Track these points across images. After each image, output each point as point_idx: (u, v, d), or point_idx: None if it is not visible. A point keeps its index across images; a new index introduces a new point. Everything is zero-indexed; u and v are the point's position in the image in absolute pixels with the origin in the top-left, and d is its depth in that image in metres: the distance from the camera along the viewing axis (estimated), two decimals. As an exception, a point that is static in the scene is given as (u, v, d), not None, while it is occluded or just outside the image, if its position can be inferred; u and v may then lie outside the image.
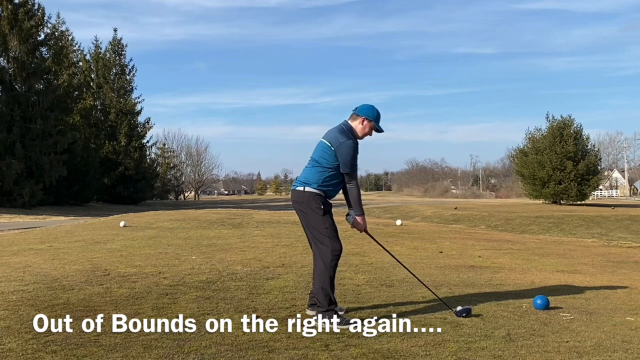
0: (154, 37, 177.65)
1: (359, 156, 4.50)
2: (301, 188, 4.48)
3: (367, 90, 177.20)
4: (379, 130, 4.60)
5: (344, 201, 4.61)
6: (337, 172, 4.44)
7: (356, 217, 4.53)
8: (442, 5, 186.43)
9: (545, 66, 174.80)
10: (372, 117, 4.53)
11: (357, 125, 4.52)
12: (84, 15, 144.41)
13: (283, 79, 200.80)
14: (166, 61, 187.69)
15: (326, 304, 4.28)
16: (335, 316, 4.23)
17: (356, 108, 4.60)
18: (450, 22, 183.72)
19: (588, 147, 47.45)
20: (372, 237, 4.91)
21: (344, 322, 4.19)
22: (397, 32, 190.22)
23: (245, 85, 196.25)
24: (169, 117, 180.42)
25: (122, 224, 13.90)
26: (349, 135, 4.45)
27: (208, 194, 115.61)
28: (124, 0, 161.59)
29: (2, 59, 35.34)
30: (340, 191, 4.64)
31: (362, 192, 4.75)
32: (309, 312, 4.54)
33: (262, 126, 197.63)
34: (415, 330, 4.06)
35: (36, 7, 36.70)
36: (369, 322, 4.26)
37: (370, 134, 4.58)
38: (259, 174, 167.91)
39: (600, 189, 78.56)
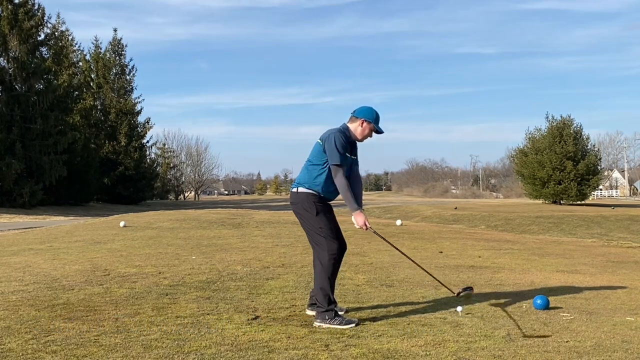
0: (156, 37, 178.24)
1: (359, 156, 4.51)
2: (295, 189, 4.50)
3: (368, 90, 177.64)
4: (379, 131, 4.58)
5: (344, 201, 4.54)
6: (328, 168, 4.39)
7: (352, 214, 4.44)
8: (445, 5, 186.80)
9: (546, 66, 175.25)
10: (371, 119, 4.51)
11: (357, 127, 4.50)
12: (87, 15, 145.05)
13: (285, 78, 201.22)
14: (168, 61, 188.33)
15: (325, 303, 4.26)
16: (335, 316, 4.23)
17: (355, 110, 4.58)
18: (452, 22, 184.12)
19: (588, 147, 47.52)
20: (378, 234, 4.75)
21: (344, 322, 4.19)
22: (400, 32, 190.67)
23: (246, 85, 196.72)
24: (171, 116, 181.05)
25: (122, 224, 13.89)
26: (340, 130, 4.45)
27: (208, 194, 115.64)
28: (127, 0, 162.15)
29: (2, 59, 35.36)
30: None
31: (362, 192, 4.70)
32: (308, 312, 4.54)
33: (263, 126, 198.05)
34: (415, 330, 4.06)
35: (36, 7, 36.73)
36: (369, 322, 4.26)
37: (370, 135, 4.55)
38: (259, 174, 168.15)
39: (600, 189, 78.56)
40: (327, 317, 4.20)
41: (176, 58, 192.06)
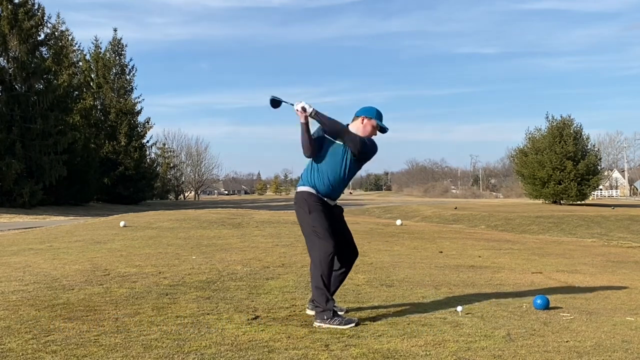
0: (157, 37, 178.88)
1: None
2: (296, 190, 4.60)
3: (369, 90, 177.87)
4: (383, 128, 4.52)
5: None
6: (317, 160, 4.44)
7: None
8: (446, 5, 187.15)
9: (546, 66, 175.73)
10: (372, 115, 4.47)
11: (359, 126, 4.47)
12: (88, 15, 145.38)
13: (286, 78, 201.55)
14: (169, 61, 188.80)
15: (323, 302, 4.22)
16: (334, 316, 4.21)
17: (356, 112, 4.59)
18: (454, 22, 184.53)
19: (588, 147, 47.52)
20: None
21: (344, 321, 4.17)
22: (401, 32, 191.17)
23: (247, 85, 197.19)
24: (171, 116, 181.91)
25: (122, 224, 13.89)
26: None
27: (208, 194, 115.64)
28: (127, 0, 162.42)
29: (2, 59, 35.36)
30: (344, 191, 4.64)
31: (361, 191, 4.74)
32: (308, 311, 4.54)
33: (263, 126, 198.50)
34: (415, 330, 4.06)
35: (36, 7, 36.75)
36: (369, 322, 4.26)
37: (374, 133, 4.50)
38: (259, 174, 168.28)
39: (600, 189, 78.56)
40: (325, 317, 4.18)
41: (177, 58, 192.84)
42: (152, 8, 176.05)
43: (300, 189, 4.49)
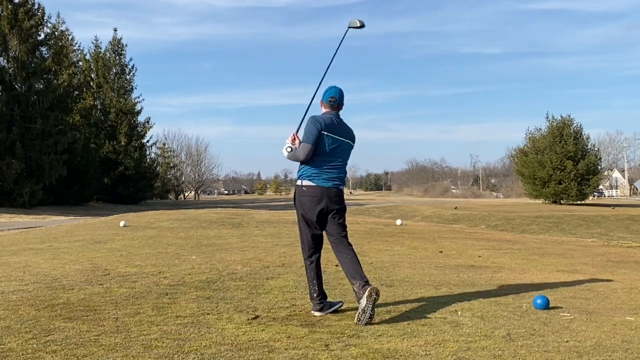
0: (161, 36, 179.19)
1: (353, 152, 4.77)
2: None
3: (372, 90, 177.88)
4: (329, 99, 4.62)
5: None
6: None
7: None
8: (451, 5, 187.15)
9: (550, 66, 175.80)
10: (322, 98, 4.66)
11: (321, 110, 4.70)
12: (93, 15, 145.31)
13: (288, 78, 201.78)
14: (173, 61, 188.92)
15: (310, 298, 4.61)
16: (315, 308, 4.56)
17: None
18: (458, 22, 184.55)
19: (588, 147, 47.56)
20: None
21: (324, 309, 4.53)
22: (406, 32, 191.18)
23: (250, 85, 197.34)
24: (173, 116, 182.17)
25: (122, 223, 13.90)
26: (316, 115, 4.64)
27: (208, 194, 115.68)
28: (132, 0, 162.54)
29: (2, 58, 35.37)
30: (342, 184, 4.67)
31: (361, 191, 4.78)
32: (316, 313, 4.60)
33: (265, 126, 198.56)
34: (416, 330, 4.06)
35: (36, 6, 36.78)
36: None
37: (327, 109, 4.64)
38: (259, 173, 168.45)
39: (601, 189, 78.57)
40: (313, 309, 4.58)
41: (180, 58, 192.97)
42: (157, 8, 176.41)
43: (297, 183, 4.64)
